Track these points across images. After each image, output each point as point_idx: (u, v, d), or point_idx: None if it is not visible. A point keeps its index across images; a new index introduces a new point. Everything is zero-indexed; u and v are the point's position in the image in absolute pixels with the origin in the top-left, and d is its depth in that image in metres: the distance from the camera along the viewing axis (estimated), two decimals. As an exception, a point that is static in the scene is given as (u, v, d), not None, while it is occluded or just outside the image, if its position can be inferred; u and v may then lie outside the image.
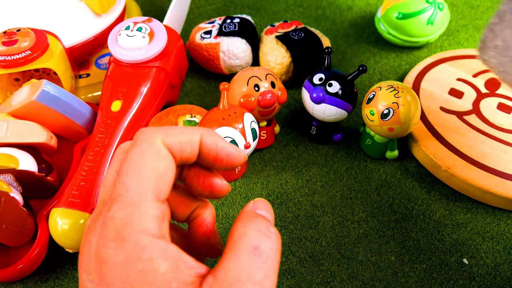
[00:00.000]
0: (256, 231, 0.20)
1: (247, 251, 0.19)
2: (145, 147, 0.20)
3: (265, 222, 0.20)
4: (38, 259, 0.32)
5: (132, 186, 0.19)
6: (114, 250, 0.18)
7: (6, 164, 0.32)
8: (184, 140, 0.21)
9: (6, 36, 0.37)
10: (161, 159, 0.20)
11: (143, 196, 0.19)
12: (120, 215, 0.18)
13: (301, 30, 0.44)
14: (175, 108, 0.40)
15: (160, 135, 0.20)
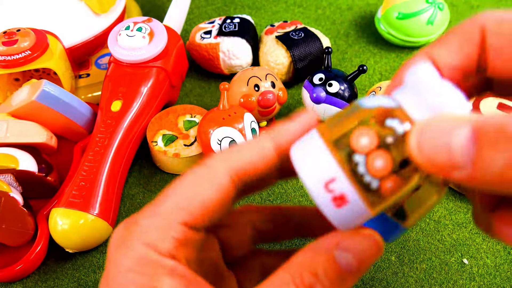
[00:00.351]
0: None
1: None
2: (205, 171, 0.19)
3: (322, 281, 0.17)
4: (38, 259, 0.32)
5: (168, 200, 0.18)
6: (124, 254, 0.18)
7: (6, 164, 0.32)
8: (250, 153, 0.19)
9: (6, 36, 0.37)
10: (211, 187, 0.18)
11: (170, 216, 0.18)
12: (142, 222, 0.18)
13: (301, 30, 0.45)
14: (175, 108, 0.40)
15: (224, 162, 0.19)
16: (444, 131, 0.14)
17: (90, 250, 0.34)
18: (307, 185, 0.16)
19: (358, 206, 0.16)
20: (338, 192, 0.16)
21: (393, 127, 0.15)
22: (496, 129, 0.14)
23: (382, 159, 0.15)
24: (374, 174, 0.15)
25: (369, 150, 0.15)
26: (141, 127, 0.38)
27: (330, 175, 0.16)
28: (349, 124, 0.16)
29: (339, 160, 0.16)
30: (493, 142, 0.14)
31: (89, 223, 0.32)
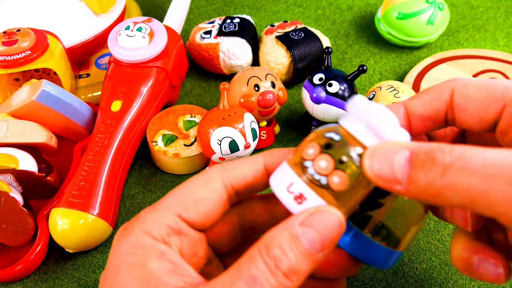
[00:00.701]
0: (263, 264, 0.19)
1: (242, 276, 0.18)
2: (202, 176, 0.23)
3: (287, 254, 0.19)
4: (38, 259, 0.32)
5: (167, 198, 0.22)
6: (123, 238, 0.21)
7: (6, 164, 0.32)
8: (243, 168, 0.23)
9: (6, 36, 0.37)
10: (205, 189, 0.22)
11: (165, 208, 0.21)
12: (142, 214, 0.21)
13: (301, 30, 0.45)
14: (175, 108, 0.40)
15: (221, 171, 0.23)
16: (389, 154, 0.19)
17: (90, 250, 0.34)
18: (276, 193, 0.21)
19: (315, 200, 0.20)
20: (297, 192, 0.20)
21: (330, 136, 0.20)
22: (425, 154, 0.18)
23: (324, 160, 0.20)
24: (320, 172, 0.20)
25: (314, 156, 0.20)
26: (141, 127, 0.38)
27: (289, 181, 0.20)
28: (302, 145, 0.21)
29: (294, 169, 0.21)
30: (421, 164, 0.18)
31: (89, 223, 0.32)
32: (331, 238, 0.19)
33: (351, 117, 0.21)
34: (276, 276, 0.18)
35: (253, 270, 0.18)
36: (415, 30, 0.46)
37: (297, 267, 0.19)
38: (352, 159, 0.20)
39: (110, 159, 0.35)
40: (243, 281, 0.18)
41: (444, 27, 0.47)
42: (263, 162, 0.23)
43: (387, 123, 0.20)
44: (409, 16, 0.46)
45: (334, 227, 0.19)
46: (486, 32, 0.50)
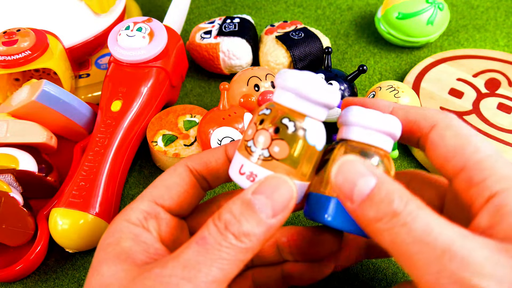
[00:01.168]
0: (214, 227, 0.20)
1: (194, 239, 0.20)
2: (171, 168, 0.25)
3: (238, 217, 0.20)
4: (38, 259, 0.32)
5: (145, 191, 0.24)
6: (107, 228, 0.23)
7: (6, 164, 0.32)
8: (206, 155, 0.25)
9: (6, 36, 0.37)
10: (172, 176, 0.24)
11: (141, 198, 0.24)
12: (126, 208, 0.24)
13: (301, 30, 0.45)
14: (175, 108, 0.40)
15: (186, 159, 0.25)
16: (357, 174, 0.20)
17: (90, 250, 0.34)
18: (232, 178, 0.23)
19: (265, 174, 0.21)
20: (248, 171, 0.21)
21: (263, 113, 0.22)
22: (386, 193, 0.19)
23: (261, 135, 0.21)
24: (261, 147, 0.21)
25: (253, 135, 0.21)
26: (141, 127, 0.38)
27: (240, 164, 0.22)
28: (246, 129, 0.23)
29: (242, 153, 0.22)
30: (378, 201, 0.19)
31: (89, 223, 0.32)
32: (282, 202, 0.20)
33: (279, 90, 0.22)
34: (226, 237, 0.19)
35: (204, 232, 0.20)
36: (415, 30, 0.46)
37: (248, 231, 0.19)
38: (286, 126, 0.21)
39: (110, 159, 0.35)
40: (193, 243, 0.20)
41: (444, 27, 0.47)
42: (224, 150, 0.25)
43: (312, 85, 0.21)
44: (409, 16, 0.46)
45: (284, 191, 0.20)
46: (486, 32, 0.50)
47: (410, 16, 0.46)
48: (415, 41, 0.47)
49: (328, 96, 0.21)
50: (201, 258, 0.19)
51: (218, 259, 0.19)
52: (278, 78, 0.22)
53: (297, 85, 0.21)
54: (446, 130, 0.22)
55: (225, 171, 0.25)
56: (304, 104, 0.21)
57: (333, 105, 0.22)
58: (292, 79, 0.21)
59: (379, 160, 0.22)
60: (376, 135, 0.22)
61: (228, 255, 0.19)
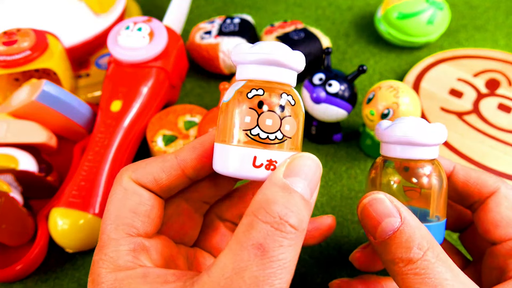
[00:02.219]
0: (264, 224, 0.17)
1: (247, 249, 0.17)
2: (115, 187, 0.21)
3: (288, 206, 0.18)
4: (38, 259, 0.32)
5: (104, 228, 0.21)
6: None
7: (6, 164, 0.32)
8: (155, 169, 0.22)
9: (6, 36, 0.37)
10: (129, 196, 0.21)
11: (109, 237, 0.20)
12: (96, 258, 0.20)
13: (301, 30, 0.44)
14: (175, 108, 0.40)
15: (128, 172, 0.22)
16: (384, 213, 0.21)
17: (90, 250, 0.34)
18: (243, 177, 0.20)
19: (285, 156, 0.20)
20: (265, 160, 0.20)
21: (255, 94, 0.20)
22: (407, 238, 0.20)
23: (269, 118, 0.20)
24: (272, 130, 0.20)
25: (255, 120, 0.20)
26: (141, 127, 0.38)
27: (250, 157, 0.20)
28: (226, 121, 0.20)
29: (246, 144, 0.20)
30: (398, 243, 0.20)
31: (89, 223, 0.32)
32: (315, 180, 0.19)
33: (245, 67, 0.21)
34: (285, 232, 0.17)
35: (256, 237, 0.17)
36: (415, 30, 0.46)
37: (301, 216, 0.18)
38: (289, 102, 0.20)
39: (110, 159, 0.35)
40: (250, 255, 0.17)
41: (444, 27, 0.47)
42: (176, 162, 0.22)
43: (291, 55, 0.20)
44: (409, 16, 0.46)
45: (314, 168, 0.19)
46: (486, 32, 0.50)
47: (410, 16, 0.46)
48: (415, 41, 0.47)
49: (302, 61, 0.21)
50: (269, 270, 0.17)
51: (285, 262, 0.17)
52: (248, 53, 0.20)
53: (283, 58, 0.20)
54: (505, 199, 0.24)
55: (180, 184, 0.23)
56: (289, 75, 0.21)
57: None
58: (275, 52, 0.20)
59: (431, 169, 0.24)
60: (422, 149, 0.24)
61: (291, 253, 0.17)
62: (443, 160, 0.26)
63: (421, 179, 0.24)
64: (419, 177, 0.24)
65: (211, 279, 0.17)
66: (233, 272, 0.17)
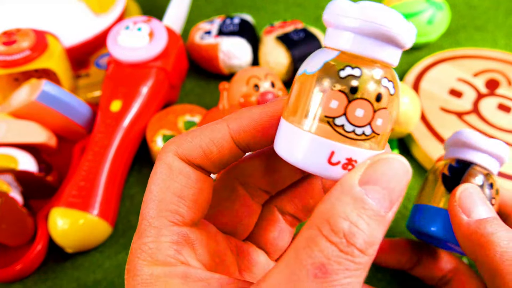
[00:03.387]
0: (330, 245, 0.14)
1: (305, 268, 0.14)
2: (159, 165, 0.18)
3: (358, 224, 0.14)
4: (38, 259, 0.32)
5: (146, 213, 0.18)
6: (128, 281, 0.17)
7: (6, 164, 0.32)
8: (204, 142, 0.18)
9: (5, 36, 0.37)
10: (174, 177, 0.18)
11: (151, 225, 0.18)
12: (134, 246, 0.18)
13: (301, 30, 0.45)
14: (175, 108, 0.40)
15: (173, 147, 0.18)
16: (478, 200, 0.24)
17: (90, 250, 0.34)
18: (313, 172, 0.16)
19: (366, 156, 0.16)
20: (344, 159, 0.16)
21: (349, 74, 0.16)
22: (493, 232, 0.22)
23: (359, 108, 0.16)
24: (361, 124, 0.16)
25: (344, 108, 0.16)
26: (141, 127, 0.38)
27: (327, 151, 0.16)
28: (306, 100, 0.16)
29: (325, 135, 0.16)
30: (490, 223, 0.23)
31: (89, 223, 0.32)
32: (400, 190, 0.15)
33: (344, 33, 0.16)
34: (352, 256, 0.14)
35: (317, 256, 0.14)
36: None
37: (373, 237, 0.15)
38: (388, 89, 0.16)
39: (110, 159, 0.35)
40: (309, 277, 0.14)
41: (444, 27, 0.47)
42: (228, 131, 0.19)
43: (397, 28, 0.16)
44: (409, 16, 0.46)
45: (401, 176, 0.15)
46: (485, 32, 0.50)
47: (410, 16, 0.46)
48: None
49: (414, 38, 0.16)
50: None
51: (347, 287, 0.14)
52: (354, 17, 0.16)
53: (398, 33, 0.15)
54: None
55: (233, 157, 0.19)
56: (395, 54, 0.16)
57: None
58: (389, 23, 0.15)
59: (494, 190, 0.26)
60: (495, 162, 0.26)
61: (357, 279, 0.14)
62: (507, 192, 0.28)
63: None
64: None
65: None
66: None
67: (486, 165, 0.26)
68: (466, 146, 0.27)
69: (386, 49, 0.16)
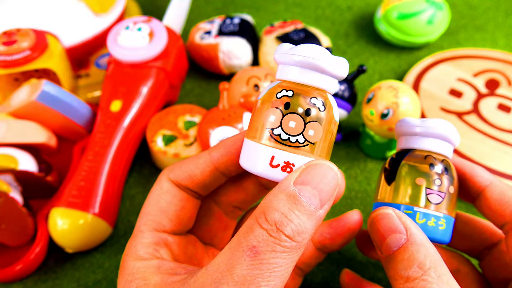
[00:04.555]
0: (261, 230, 0.18)
1: (242, 249, 0.18)
2: (154, 186, 0.23)
3: (288, 215, 0.18)
4: (38, 259, 0.32)
5: (138, 221, 0.23)
6: (119, 277, 0.21)
7: (6, 164, 0.32)
8: (189, 167, 0.23)
9: (5, 36, 0.37)
10: (162, 195, 0.23)
11: (140, 230, 0.22)
12: (126, 247, 0.22)
13: (301, 30, 0.45)
14: (175, 108, 0.40)
15: (167, 172, 0.23)
16: (389, 228, 0.21)
17: (90, 250, 0.34)
18: (260, 175, 0.20)
19: (302, 160, 0.20)
20: (282, 162, 0.19)
21: (284, 95, 0.20)
22: (407, 256, 0.20)
23: (292, 120, 0.20)
24: (294, 133, 0.20)
25: (279, 120, 0.20)
26: (141, 127, 0.38)
27: (268, 156, 0.20)
28: (255, 118, 0.21)
29: (267, 143, 0.20)
30: (399, 261, 0.20)
31: (89, 223, 0.32)
32: (329, 191, 0.19)
33: (294, 68, 0.20)
34: (279, 240, 0.18)
35: (251, 239, 0.18)
36: (415, 30, 0.46)
37: (301, 227, 0.18)
38: (317, 107, 0.20)
39: (110, 159, 0.35)
40: (243, 256, 0.18)
41: (444, 27, 0.47)
42: (209, 158, 0.23)
43: (330, 59, 0.20)
44: (409, 16, 0.46)
45: (330, 179, 0.19)
46: (486, 32, 0.50)
47: (410, 16, 0.46)
48: (415, 41, 0.47)
49: (344, 69, 0.21)
50: (256, 272, 0.17)
51: (275, 268, 0.17)
52: (288, 54, 0.20)
53: (319, 62, 0.20)
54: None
55: (215, 180, 0.24)
56: (327, 81, 0.20)
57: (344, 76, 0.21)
58: (311, 55, 0.20)
59: (442, 167, 0.24)
60: (438, 142, 0.24)
61: (284, 260, 0.18)
62: (484, 173, 0.25)
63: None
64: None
65: (207, 271, 0.18)
66: (225, 267, 0.18)
67: (425, 148, 0.25)
68: (403, 135, 0.26)
69: (314, 77, 0.20)
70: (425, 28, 0.46)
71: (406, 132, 0.25)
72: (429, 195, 0.23)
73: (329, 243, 0.26)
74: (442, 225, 0.23)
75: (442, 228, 0.23)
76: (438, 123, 0.24)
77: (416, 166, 0.24)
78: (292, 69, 0.20)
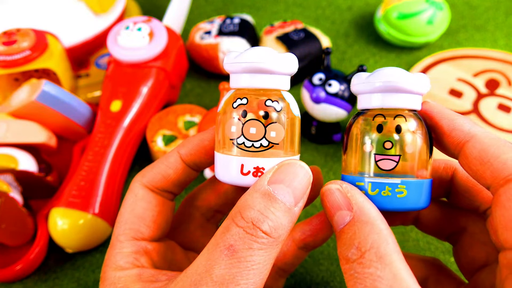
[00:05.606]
0: (238, 228, 0.18)
1: (220, 249, 0.18)
2: (128, 193, 0.23)
3: (264, 212, 0.18)
4: (38, 259, 0.32)
5: (114, 231, 0.23)
6: (100, 286, 0.22)
7: (6, 164, 0.32)
8: (161, 168, 0.23)
9: (5, 36, 0.37)
10: (137, 202, 0.23)
11: (117, 239, 0.22)
12: (105, 258, 0.22)
13: (301, 30, 0.45)
14: (175, 108, 0.40)
15: (139, 178, 0.23)
16: (335, 205, 0.20)
17: (90, 250, 0.34)
18: (232, 183, 0.21)
19: (271, 162, 0.20)
20: (252, 168, 0.20)
21: (239, 104, 0.20)
22: (350, 236, 0.19)
23: (252, 126, 0.20)
24: (256, 138, 0.20)
25: (240, 129, 0.20)
26: (141, 127, 0.38)
27: (237, 165, 0.20)
28: (215, 130, 0.21)
29: (233, 153, 0.20)
30: (343, 239, 0.19)
31: (88, 223, 0.32)
32: (301, 188, 0.19)
33: (241, 75, 0.21)
34: (256, 237, 0.18)
35: (228, 238, 0.18)
36: (415, 30, 0.46)
37: (278, 223, 0.18)
38: (273, 107, 0.20)
39: (110, 159, 0.35)
40: (221, 255, 0.18)
41: (444, 27, 0.47)
42: (178, 157, 0.23)
43: (277, 59, 0.20)
44: (409, 16, 0.46)
45: (302, 177, 0.19)
46: (486, 32, 0.50)
47: (410, 16, 0.46)
48: (414, 41, 0.47)
49: (293, 64, 0.21)
50: (235, 270, 0.17)
51: (253, 265, 0.18)
52: (234, 62, 0.20)
53: (265, 64, 0.20)
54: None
55: (188, 177, 0.24)
56: (276, 80, 0.20)
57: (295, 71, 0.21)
58: (256, 59, 0.20)
59: (396, 126, 0.20)
60: (388, 96, 0.21)
61: (262, 257, 0.18)
62: (465, 124, 0.21)
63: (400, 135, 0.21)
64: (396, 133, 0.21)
65: (186, 275, 0.18)
66: (204, 269, 0.18)
67: (375, 105, 0.21)
68: (356, 94, 0.23)
69: (264, 79, 0.20)
70: (425, 28, 0.46)
71: (355, 90, 0.22)
72: (379, 162, 0.21)
73: (311, 240, 0.25)
74: (402, 192, 0.20)
75: (402, 196, 0.20)
76: (381, 73, 0.21)
77: (364, 129, 0.21)
78: (242, 76, 0.21)
